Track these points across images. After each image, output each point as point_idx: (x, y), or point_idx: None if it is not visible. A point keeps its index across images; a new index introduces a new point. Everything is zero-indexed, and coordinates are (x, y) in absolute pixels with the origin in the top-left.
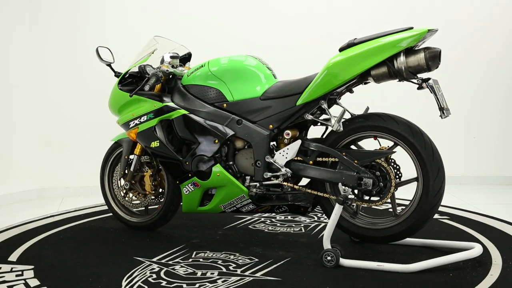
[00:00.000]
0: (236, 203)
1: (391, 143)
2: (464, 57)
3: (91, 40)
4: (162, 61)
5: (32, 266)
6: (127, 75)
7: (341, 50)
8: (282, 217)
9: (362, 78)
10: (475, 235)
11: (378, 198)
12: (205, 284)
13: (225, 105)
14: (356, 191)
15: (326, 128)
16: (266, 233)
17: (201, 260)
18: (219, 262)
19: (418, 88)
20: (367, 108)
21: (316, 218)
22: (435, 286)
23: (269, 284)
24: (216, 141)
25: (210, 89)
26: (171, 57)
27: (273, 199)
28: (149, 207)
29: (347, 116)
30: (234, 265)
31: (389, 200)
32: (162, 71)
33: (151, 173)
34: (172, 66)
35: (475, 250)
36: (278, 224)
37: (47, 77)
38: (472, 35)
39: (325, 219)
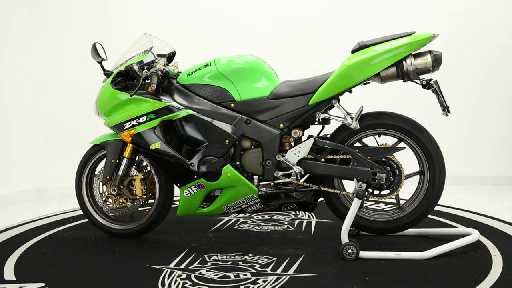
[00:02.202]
0: (243, 203)
1: (390, 140)
2: (465, 57)
3: (91, 39)
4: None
5: (43, 284)
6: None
7: (353, 51)
8: (260, 217)
9: None
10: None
11: (388, 192)
12: (249, 286)
13: (232, 104)
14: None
15: (323, 127)
16: (257, 232)
17: (220, 263)
18: (240, 263)
19: (428, 88)
20: (362, 108)
21: (293, 216)
22: (458, 269)
23: (311, 280)
24: (227, 141)
25: (217, 89)
26: (158, 55)
27: (281, 198)
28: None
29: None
30: (258, 265)
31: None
32: (160, 70)
33: (142, 176)
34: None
35: (475, 235)
36: (262, 224)
37: (47, 76)
38: (473, 34)
39: (302, 216)
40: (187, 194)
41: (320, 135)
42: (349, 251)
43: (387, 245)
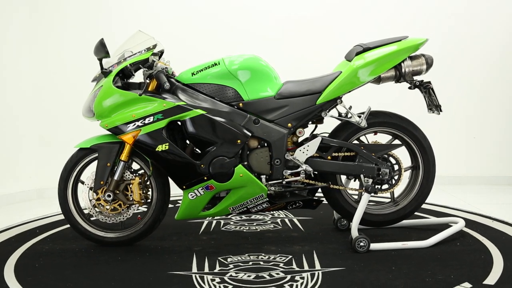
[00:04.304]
0: (251, 203)
1: (383, 138)
2: (465, 57)
3: (92, 39)
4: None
5: None
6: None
7: (357, 54)
8: (239, 218)
9: None
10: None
11: (388, 186)
12: (292, 284)
13: (241, 104)
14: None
15: (316, 126)
16: (250, 233)
17: (241, 264)
18: (261, 263)
19: (425, 88)
20: (350, 107)
21: (271, 216)
22: (463, 253)
23: (345, 274)
24: (239, 141)
25: (226, 88)
26: (152, 54)
27: (288, 196)
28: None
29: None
30: (282, 263)
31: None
32: (163, 68)
33: (139, 180)
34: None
35: (462, 222)
36: (246, 224)
37: (47, 76)
38: (473, 34)
39: (279, 215)
40: (192, 197)
41: (314, 133)
42: (361, 243)
43: (383, 237)
